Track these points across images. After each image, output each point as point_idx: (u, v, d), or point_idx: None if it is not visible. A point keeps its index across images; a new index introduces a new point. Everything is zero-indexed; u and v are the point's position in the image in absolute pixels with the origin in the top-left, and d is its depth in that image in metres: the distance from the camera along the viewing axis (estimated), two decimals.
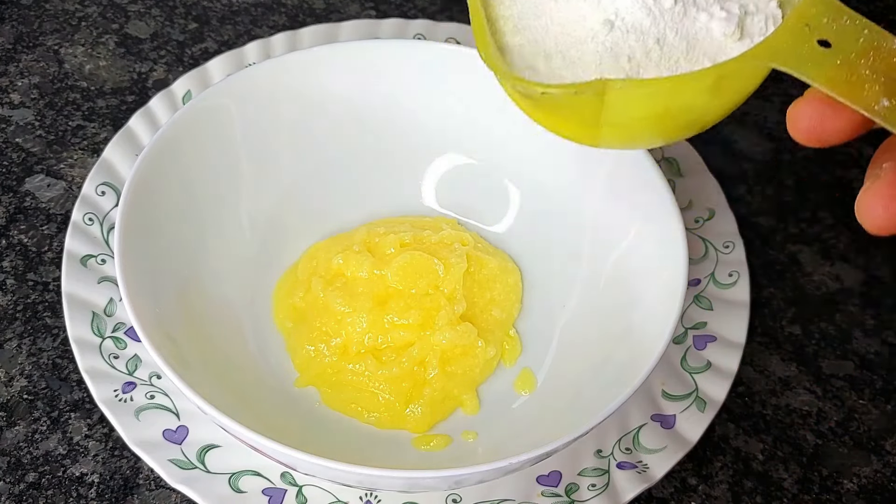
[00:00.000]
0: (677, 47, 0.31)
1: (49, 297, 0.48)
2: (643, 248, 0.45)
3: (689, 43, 0.31)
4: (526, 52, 0.32)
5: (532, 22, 0.32)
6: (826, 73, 0.28)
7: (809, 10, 0.29)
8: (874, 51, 0.29)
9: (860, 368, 0.49)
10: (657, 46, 0.31)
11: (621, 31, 0.31)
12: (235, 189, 0.48)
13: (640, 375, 0.39)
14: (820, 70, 0.28)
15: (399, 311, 0.45)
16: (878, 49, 0.29)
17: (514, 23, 0.33)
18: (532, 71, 0.32)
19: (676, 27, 0.31)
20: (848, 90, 0.28)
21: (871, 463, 0.46)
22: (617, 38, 0.31)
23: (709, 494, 0.45)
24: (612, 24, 0.31)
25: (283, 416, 0.43)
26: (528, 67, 0.32)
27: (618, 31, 0.31)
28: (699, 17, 0.31)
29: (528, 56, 0.32)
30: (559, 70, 0.32)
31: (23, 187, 0.52)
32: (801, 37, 0.29)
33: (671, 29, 0.31)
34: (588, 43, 0.31)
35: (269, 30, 0.59)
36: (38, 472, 0.43)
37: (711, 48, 0.31)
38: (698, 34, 0.31)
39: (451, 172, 0.51)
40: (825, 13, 0.29)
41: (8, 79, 0.56)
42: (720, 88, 0.30)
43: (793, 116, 0.29)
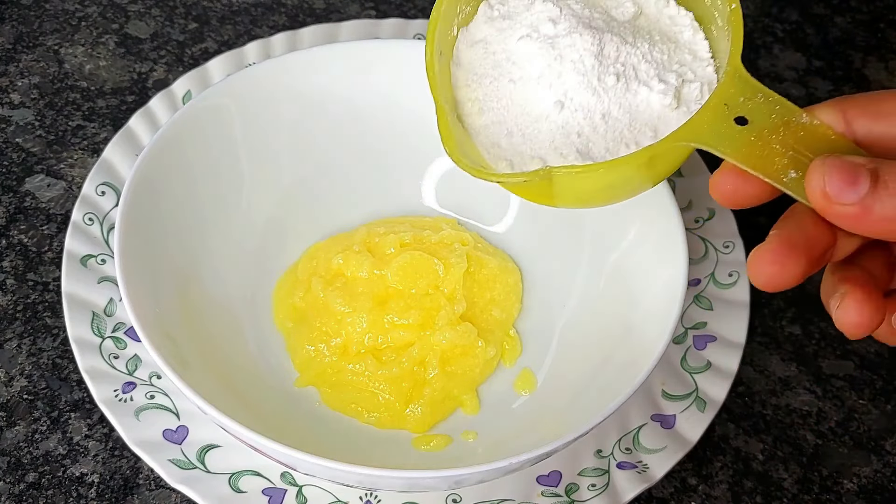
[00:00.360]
0: (621, 120, 0.35)
1: (49, 297, 0.48)
2: (643, 248, 0.45)
3: (632, 115, 0.35)
4: (491, 131, 0.36)
5: (495, 104, 0.36)
6: (740, 150, 0.32)
7: (728, 89, 0.32)
8: (784, 126, 0.32)
9: (860, 368, 0.49)
10: (603, 121, 0.34)
11: (570, 110, 0.35)
12: (235, 189, 0.48)
13: (640, 375, 0.39)
14: (735, 147, 0.32)
15: (399, 311, 0.45)
16: (788, 124, 0.32)
17: (479, 105, 0.36)
18: (497, 147, 0.36)
19: (619, 102, 0.35)
20: (760, 164, 0.31)
21: (871, 463, 0.46)
22: (567, 116, 0.35)
23: (709, 494, 0.45)
24: (563, 105, 0.35)
25: (283, 416, 0.43)
26: (493, 145, 0.36)
27: (567, 111, 0.35)
28: (640, 91, 0.35)
29: (493, 135, 0.36)
30: (519, 146, 0.35)
31: (23, 187, 0.52)
32: (719, 116, 0.32)
33: (615, 104, 0.35)
34: (543, 121, 0.35)
35: (269, 30, 0.59)
36: (38, 472, 0.43)
37: (651, 118, 0.35)
38: (639, 106, 0.35)
39: (451, 172, 0.51)
40: (741, 93, 0.32)
41: (8, 79, 0.56)
42: (652, 165, 0.34)
43: (713, 185, 0.33)
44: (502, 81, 0.36)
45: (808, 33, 0.62)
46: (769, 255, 0.31)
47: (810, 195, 0.31)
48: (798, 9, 0.64)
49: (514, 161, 0.36)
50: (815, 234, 0.32)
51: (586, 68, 0.35)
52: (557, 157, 0.35)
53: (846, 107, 0.32)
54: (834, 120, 0.32)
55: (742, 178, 0.32)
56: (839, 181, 0.30)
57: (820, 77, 0.60)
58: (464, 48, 0.38)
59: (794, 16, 0.63)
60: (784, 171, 0.32)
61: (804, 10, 0.64)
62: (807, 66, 0.61)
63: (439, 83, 0.37)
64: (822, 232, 0.32)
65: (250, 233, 0.48)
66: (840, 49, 0.62)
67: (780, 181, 0.32)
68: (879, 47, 0.62)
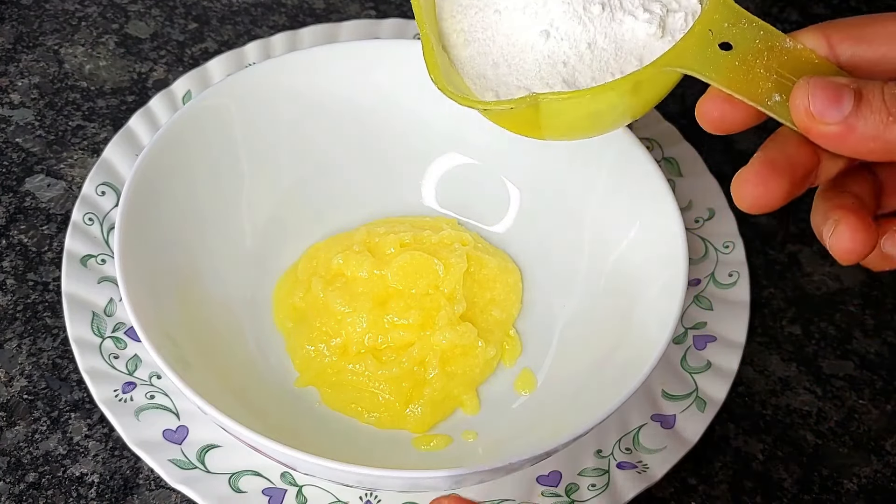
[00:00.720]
0: (607, 49, 0.35)
1: (49, 297, 0.48)
2: (643, 248, 0.45)
3: (617, 44, 0.35)
4: (476, 62, 0.36)
5: (480, 34, 0.36)
6: (725, 75, 0.32)
7: (712, 15, 0.33)
8: (768, 50, 0.33)
9: (860, 368, 0.49)
10: (589, 50, 0.35)
11: (556, 39, 0.35)
12: (235, 189, 0.48)
13: (640, 375, 0.39)
14: (720, 72, 0.32)
15: (399, 311, 0.45)
16: (772, 48, 0.33)
17: (464, 36, 0.36)
18: (483, 79, 0.36)
19: (605, 31, 0.35)
20: (744, 88, 0.32)
21: (871, 463, 0.46)
22: (553, 45, 0.35)
23: (709, 494, 0.45)
24: (549, 34, 0.35)
25: (283, 416, 0.43)
26: (480, 76, 0.36)
27: (553, 40, 0.35)
28: (625, 21, 0.35)
29: (479, 65, 0.36)
30: (505, 77, 0.36)
31: (23, 187, 0.52)
32: (704, 42, 0.33)
33: (600, 33, 0.35)
34: (529, 51, 0.35)
35: (269, 30, 0.59)
36: (38, 472, 0.43)
37: (637, 47, 0.35)
38: (625, 35, 0.35)
39: (451, 172, 0.51)
40: (726, 18, 0.33)
41: (8, 79, 0.56)
42: (638, 91, 0.34)
43: (700, 111, 0.34)
44: (487, 12, 0.36)
45: None
46: (753, 176, 0.32)
47: (794, 115, 0.31)
48: (798, 9, 0.63)
49: (500, 91, 0.36)
50: (799, 156, 0.32)
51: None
52: (543, 86, 0.35)
53: (830, 31, 0.33)
54: (817, 44, 0.33)
55: (728, 104, 0.33)
56: (823, 100, 0.30)
57: None
58: None
59: (794, 16, 0.63)
60: (768, 95, 0.32)
61: (804, 10, 0.64)
62: None
63: (425, 14, 0.37)
64: (805, 153, 0.32)
65: (250, 233, 0.48)
66: None
67: (764, 104, 0.32)
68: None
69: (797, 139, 0.32)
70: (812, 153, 0.33)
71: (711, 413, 0.45)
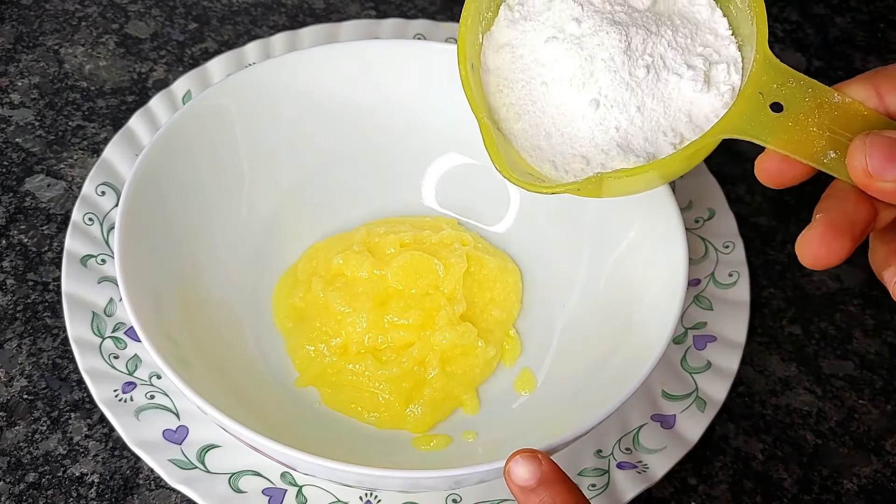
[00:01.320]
0: (656, 110, 0.36)
1: (49, 297, 0.48)
2: (643, 248, 0.45)
3: (665, 104, 0.36)
4: (529, 134, 0.37)
5: (530, 107, 0.37)
6: (780, 137, 0.33)
7: (760, 78, 0.33)
8: (818, 107, 0.33)
9: (860, 368, 0.49)
10: (639, 113, 0.36)
11: (606, 107, 0.36)
12: (235, 189, 0.48)
13: (640, 375, 0.39)
14: (774, 135, 0.33)
15: (399, 311, 0.45)
16: (822, 105, 0.33)
17: (514, 110, 0.37)
18: (538, 150, 0.37)
19: (652, 93, 0.36)
20: (800, 149, 0.33)
21: (871, 463, 0.46)
22: (603, 113, 0.36)
23: (709, 494, 0.45)
24: (598, 103, 0.36)
25: (283, 416, 0.43)
26: (534, 147, 0.37)
27: (603, 108, 0.36)
28: (670, 80, 0.36)
29: (532, 137, 0.37)
30: (559, 146, 0.36)
31: (23, 187, 0.52)
32: (756, 105, 0.33)
33: (648, 95, 0.36)
34: (580, 120, 0.36)
35: (269, 30, 0.59)
36: (38, 472, 0.43)
37: (685, 104, 0.36)
38: (672, 94, 0.36)
39: (451, 172, 0.51)
40: (774, 79, 0.33)
41: (8, 79, 0.56)
42: (692, 158, 0.35)
43: (759, 168, 0.34)
44: (534, 84, 0.37)
45: (808, 33, 0.62)
46: (816, 239, 0.32)
47: (852, 174, 0.32)
48: (798, 9, 0.63)
49: (556, 161, 0.36)
50: (857, 212, 0.33)
51: (617, 65, 0.35)
52: (599, 153, 0.36)
53: (878, 81, 0.33)
54: (865, 95, 0.33)
55: (786, 162, 0.34)
56: (880, 159, 0.31)
57: (820, 77, 0.60)
58: (490, 54, 0.38)
59: (794, 16, 0.63)
60: (823, 153, 0.33)
61: (804, 10, 0.64)
62: (807, 65, 0.61)
63: (476, 97, 0.37)
64: (864, 208, 0.33)
65: (250, 233, 0.48)
66: (840, 49, 0.62)
67: (820, 163, 0.33)
68: (879, 47, 0.62)
69: (855, 195, 0.33)
70: (870, 206, 0.33)
71: (711, 413, 0.45)
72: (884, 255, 0.34)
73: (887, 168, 0.31)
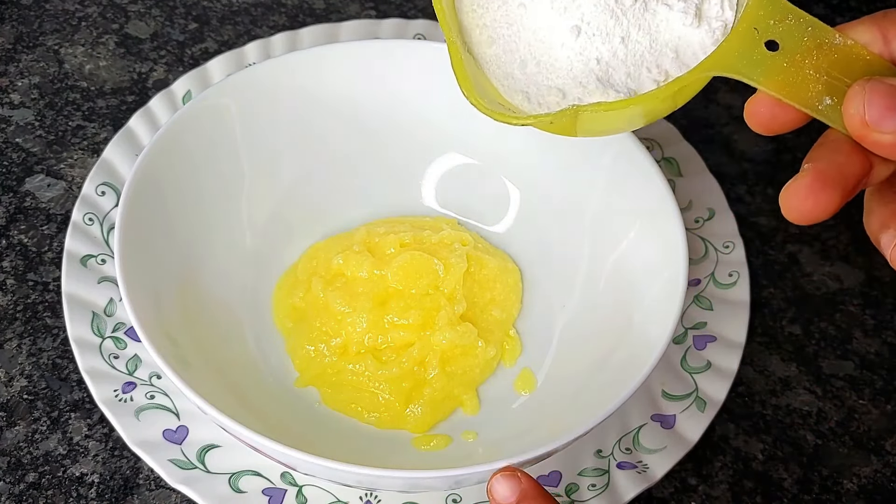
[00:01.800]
0: (641, 42, 0.33)
1: (49, 297, 0.48)
2: (643, 248, 0.45)
3: (652, 36, 0.33)
4: (503, 61, 0.34)
5: (505, 31, 0.34)
6: (773, 78, 0.30)
7: (757, 12, 0.31)
8: (817, 49, 0.31)
9: (860, 368, 0.49)
10: (622, 45, 0.33)
11: (587, 36, 0.33)
12: (235, 189, 0.48)
13: (640, 375, 0.39)
14: (768, 75, 0.30)
15: (399, 311, 0.45)
16: (821, 46, 0.31)
17: (488, 32, 0.35)
18: (510, 79, 0.34)
19: (639, 23, 0.33)
20: (794, 92, 0.30)
21: (871, 463, 0.46)
22: (584, 42, 0.33)
23: (709, 494, 0.45)
24: (580, 30, 0.33)
25: (283, 416, 0.43)
26: (507, 76, 0.34)
27: (584, 36, 0.33)
28: (659, 11, 0.33)
29: (505, 64, 0.34)
30: (534, 76, 0.34)
31: (23, 187, 0.52)
32: (749, 42, 0.31)
33: (634, 26, 0.33)
34: (559, 49, 0.33)
35: (269, 30, 0.59)
36: (38, 472, 0.43)
37: (672, 38, 0.33)
38: (660, 26, 0.33)
39: (451, 172, 0.51)
40: (771, 15, 0.31)
41: (8, 79, 0.56)
42: (677, 97, 0.33)
43: (749, 112, 0.32)
44: (511, 5, 0.34)
45: None
46: (803, 189, 0.30)
47: (848, 123, 0.30)
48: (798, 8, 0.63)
49: (529, 92, 0.34)
50: (850, 164, 0.30)
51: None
52: (576, 86, 0.33)
53: (886, 24, 0.31)
54: (871, 38, 0.31)
55: (778, 105, 0.31)
56: (880, 108, 0.29)
57: None
58: None
59: None
60: (819, 98, 0.30)
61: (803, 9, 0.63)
62: None
63: (447, 13, 0.35)
64: (857, 160, 0.31)
65: (250, 233, 0.48)
66: None
67: (815, 109, 0.31)
68: None
69: (849, 145, 0.31)
70: (864, 159, 0.31)
71: (711, 413, 0.45)
72: (881, 217, 0.32)
73: (886, 118, 0.29)
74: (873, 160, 0.31)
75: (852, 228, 0.54)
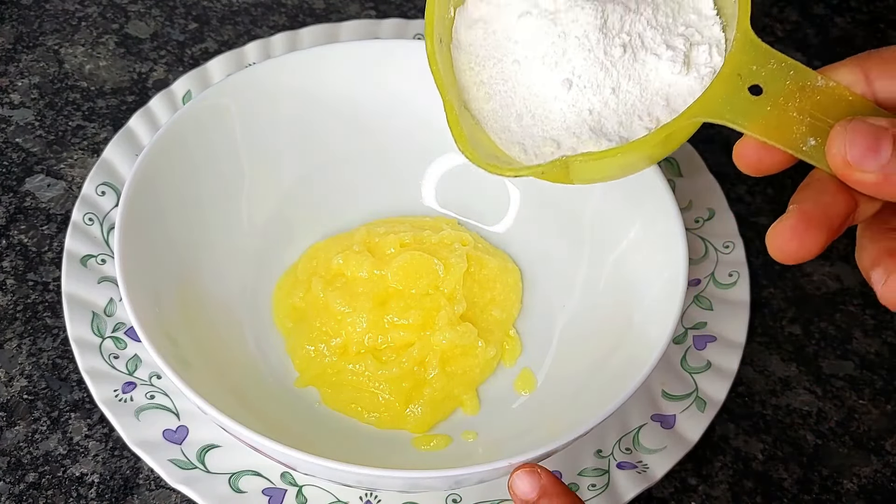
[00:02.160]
0: (632, 92, 0.34)
1: (49, 297, 0.48)
2: (643, 248, 0.45)
3: (642, 86, 0.34)
4: (499, 115, 0.35)
5: (501, 87, 0.35)
6: (757, 122, 0.31)
7: (740, 57, 0.32)
8: (800, 91, 0.31)
9: (860, 368, 0.49)
10: (613, 95, 0.34)
11: (579, 88, 0.34)
12: (235, 189, 0.48)
13: (640, 375, 0.39)
14: (752, 119, 0.31)
15: (399, 311, 0.45)
16: (804, 88, 0.31)
17: (485, 89, 0.36)
18: (507, 132, 0.35)
19: (629, 74, 0.34)
20: (778, 135, 0.31)
21: (871, 463, 0.46)
22: (576, 94, 0.34)
23: (709, 494, 0.45)
24: (571, 83, 0.34)
25: (283, 416, 0.43)
26: (504, 129, 0.35)
27: (576, 89, 0.34)
28: (648, 61, 0.34)
29: (502, 118, 0.35)
30: (530, 129, 0.35)
31: (23, 187, 0.52)
32: (733, 88, 0.31)
33: (624, 76, 0.34)
34: (552, 102, 0.34)
35: (269, 30, 0.59)
36: (38, 472, 0.43)
37: (663, 86, 0.34)
38: (649, 76, 0.34)
39: (451, 172, 0.51)
40: (754, 60, 0.32)
41: (8, 79, 0.56)
42: (666, 143, 0.33)
43: (737, 154, 0.33)
44: (506, 63, 0.35)
45: (807, 33, 0.62)
46: (788, 231, 0.31)
47: (831, 163, 0.30)
48: (798, 9, 0.63)
49: (526, 144, 0.35)
50: (835, 205, 0.31)
51: (591, 43, 0.34)
52: (570, 136, 0.34)
53: (868, 65, 0.32)
54: (853, 79, 0.32)
55: (764, 149, 0.32)
56: (861, 148, 0.29)
57: None
58: (462, 29, 0.36)
59: (793, 16, 0.63)
60: (803, 140, 0.31)
61: (804, 10, 0.64)
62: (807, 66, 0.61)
63: (443, 74, 0.35)
64: (842, 199, 0.31)
65: (250, 232, 0.48)
66: (840, 49, 0.62)
67: (799, 150, 0.31)
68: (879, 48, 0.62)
69: (834, 185, 0.31)
70: (850, 198, 0.31)
71: (711, 413, 0.45)
72: (871, 254, 0.32)
73: (867, 157, 0.29)
74: (858, 199, 0.31)
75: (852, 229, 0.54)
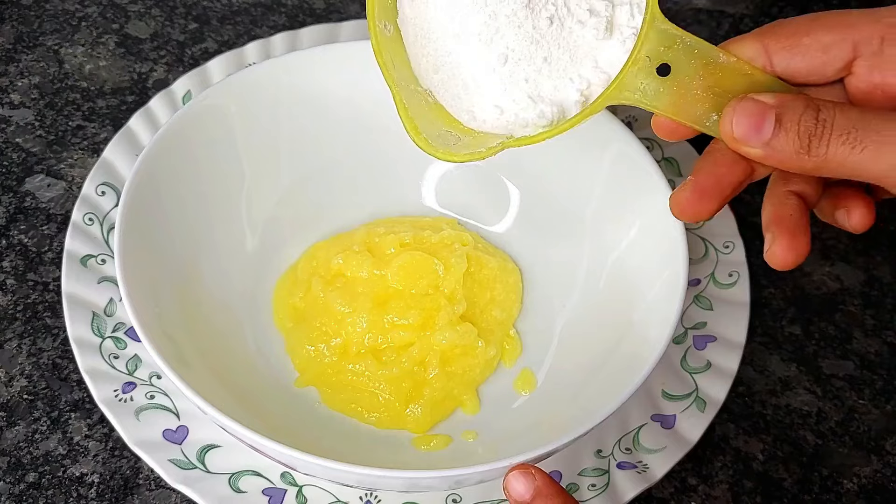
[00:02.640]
0: (562, 58, 0.36)
1: (49, 297, 0.48)
2: (643, 248, 0.45)
3: (571, 52, 0.36)
4: (448, 85, 0.38)
5: (446, 59, 0.37)
6: (665, 102, 0.34)
7: (649, 41, 0.34)
8: (704, 68, 0.34)
9: (860, 368, 0.49)
10: (546, 64, 0.36)
11: (514, 62, 0.36)
12: (235, 189, 0.48)
13: (640, 375, 0.39)
14: (660, 99, 0.34)
15: (399, 312, 0.45)
16: (707, 65, 0.34)
17: (432, 61, 0.38)
18: (457, 100, 0.38)
19: (558, 42, 0.36)
20: (683, 112, 0.34)
21: (871, 463, 0.46)
22: (512, 66, 0.36)
23: (709, 494, 0.45)
24: (507, 58, 0.36)
25: (283, 416, 0.43)
26: (454, 97, 0.38)
27: (511, 62, 0.36)
28: (574, 28, 0.36)
29: (451, 88, 0.38)
30: (476, 96, 0.37)
31: (23, 187, 0.52)
32: (643, 71, 0.34)
33: (554, 45, 0.36)
34: (492, 73, 0.37)
35: (269, 30, 0.59)
36: (38, 472, 0.43)
37: (591, 50, 0.36)
38: (577, 42, 0.36)
39: (451, 172, 0.51)
40: (662, 42, 0.34)
41: (8, 79, 0.56)
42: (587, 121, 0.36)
43: (654, 124, 0.36)
44: (447, 37, 0.37)
45: None
46: (684, 200, 0.35)
47: (724, 138, 0.34)
48: (798, 9, 0.63)
49: (475, 111, 0.37)
50: (730, 175, 0.35)
51: (521, 20, 0.36)
52: (511, 102, 0.37)
53: (767, 39, 0.34)
54: (753, 53, 0.34)
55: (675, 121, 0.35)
56: (746, 126, 0.32)
57: None
58: (407, 3, 0.38)
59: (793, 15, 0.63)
60: (707, 115, 0.34)
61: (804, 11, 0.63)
62: None
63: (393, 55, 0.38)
64: (738, 167, 0.35)
65: (250, 233, 0.48)
66: None
67: (703, 125, 0.34)
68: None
69: (731, 154, 0.34)
70: (746, 164, 0.35)
71: (711, 413, 0.45)
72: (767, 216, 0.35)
73: (752, 134, 0.32)
74: (754, 165, 0.35)
75: None
